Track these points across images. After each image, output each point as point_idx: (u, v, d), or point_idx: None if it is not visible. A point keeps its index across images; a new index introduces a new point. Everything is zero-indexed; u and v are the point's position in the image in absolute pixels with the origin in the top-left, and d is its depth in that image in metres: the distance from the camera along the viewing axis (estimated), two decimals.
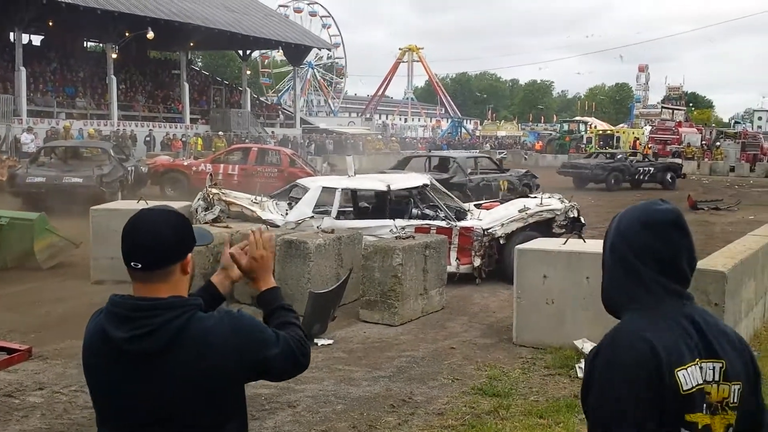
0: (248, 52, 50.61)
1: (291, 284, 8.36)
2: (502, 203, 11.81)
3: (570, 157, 39.46)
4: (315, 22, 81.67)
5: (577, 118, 72.24)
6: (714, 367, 1.73)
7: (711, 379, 1.72)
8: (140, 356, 1.83)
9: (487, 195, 17.07)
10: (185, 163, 21.87)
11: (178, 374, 1.83)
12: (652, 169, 28.75)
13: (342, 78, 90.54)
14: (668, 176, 28.75)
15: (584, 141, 54.99)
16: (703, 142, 44.73)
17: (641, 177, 28.25)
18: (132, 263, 1.88)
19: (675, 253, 1.80)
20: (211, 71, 63.06)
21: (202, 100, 46.18)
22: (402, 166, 21.39)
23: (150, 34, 36.38)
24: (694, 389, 1.70)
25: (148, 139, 36.14)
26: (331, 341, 7.33)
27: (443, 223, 10.24)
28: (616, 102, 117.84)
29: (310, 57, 74.03)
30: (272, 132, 44.68)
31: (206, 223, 9.64)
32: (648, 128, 54.47)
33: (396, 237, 8.67)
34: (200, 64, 75.32)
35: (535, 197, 11.87)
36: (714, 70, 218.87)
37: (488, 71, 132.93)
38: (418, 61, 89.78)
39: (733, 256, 6.74)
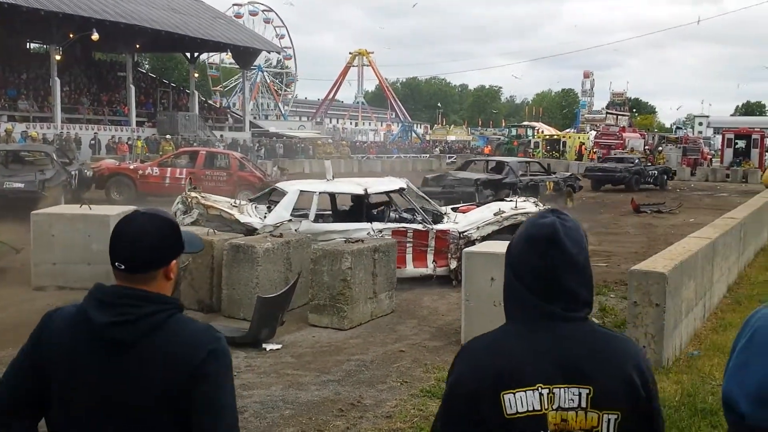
0: (196, 54, 50.01)
1: (239, 289, 8.28)
2: (478, 206, 12.04)
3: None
4: (261, 24, 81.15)
5: (525, 123, 73.43)
6: (578, 393, 1.59)
7: (567, 406, 1.58)
8: (116, 343, 1.82)
9: (534, 194, 18.39)
10: (131, 167, 21.45)
11: (148, 369, 1.82)
12: (656, 172, 32.61)
13: (292, 82, 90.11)
14: (665, 178, 32.75)
15: (532, 145, 55.89)
16: (646, 147, 45.84)
17: (648, 179, 31.66)
18: (116, 263, 1.90)
19: (553, 270, 1.65)
20: (158, 73, 62.18)
21: (149, 102, 45.42)
22: (464, 167, 23.72)
23: (95, 36, 35.68)
24: (521, 414, 1.58)
25: (93, 142, 35.42)
26: (279, 346, 7.27)
27: (420, 226, 10.43)
28: (562, 107, 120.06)
29: (260, 60, 73.56)
30: (221, 135, 44.25)
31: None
32: (593, 133, 55.57)
33: (345, 241, 8.65)
34: (147, 66, 74.18)
35: (511, 201, 12.26)
36: (657, 76, 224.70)
37: (438, 76, 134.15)
38: (368, 66, 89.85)
39: (674, 257, 6.91)
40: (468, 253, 7.63)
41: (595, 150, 46.35)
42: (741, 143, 43.54)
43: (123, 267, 1.89)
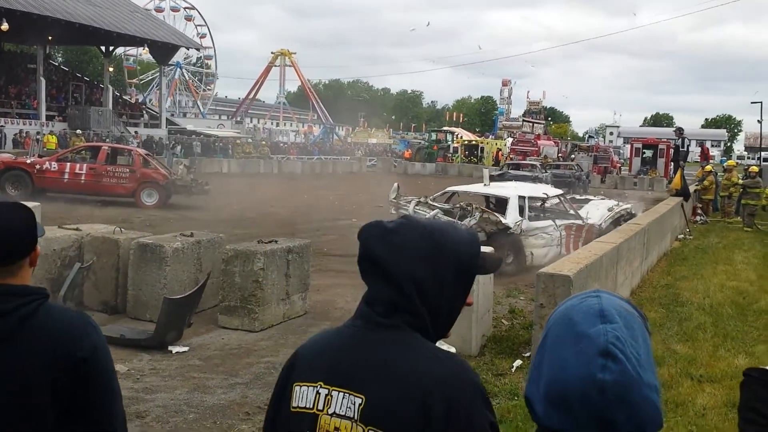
0: (111, 48, 48.48)
1: (146, 290, 8.03)
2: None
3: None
4: (182, 20, 79.44)
5: (445, 128, 74.37)
6: (351, 400, 1.47)
7: (343, 414, 1.47)
8: None
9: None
10: (28, 161, 20.46)
11: (23, 361, 1.76)
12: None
13: (212, 79, 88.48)
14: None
15: (451, 150, 56.69)
16: (560, 155, 47.19)
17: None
18: None
19: (374, 268, 1.55)
20: (71, 67, 59.96)
21: (60, 96, 43.78)
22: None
23: (4, 26, 34.11)
24: (298, 410, 1.53)
25: None
26: (186, 348, 7.07)
27: (580, 222, 13.38)
28: (482, 114, 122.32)
29: (179, 57, 71.93)
30: (135, 132, 43.02)
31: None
32: (510, 140, 56.82)
33: (258, 241, 8.50)
34: (60, 59, 71.46)
35: (603, 199, 16.33)
36: (572, 86, 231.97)
37: (361, 79, 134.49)
38: (290, 66, 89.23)
39: (580, 261, 7.10)
40: None
41: (511, 156, 47.39)
42: (648, 153, 45.36)
43: None
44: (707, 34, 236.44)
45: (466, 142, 59.03)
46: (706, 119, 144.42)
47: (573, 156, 47.78)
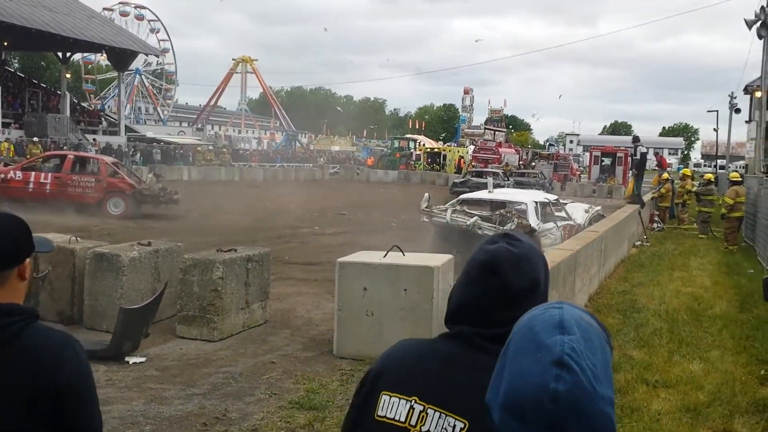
0: (69, 54, 47.70)
1: (102, 300, 7.91)
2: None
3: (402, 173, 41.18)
4: (143, 27, 78.53)
5: (408, 135, 74.63)
6: (449, 422, 1.48)
7: (434, 429, 1.48)
8: None
9: None
10: None
11: (7, 382, 1.74)
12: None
13: (172, 86, 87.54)
14: None
15: (414, 158, 56.89)
16: (521, 162, 47.71)
17: None
18: None
19: (488, 299, 1.57)
20: (27, 73, 58.80)
21: (16, 103, 42.90)
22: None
23: None
24: (385, 420, 1.52)
25: None
26: (143, 359, 6.97)
27: (572, 222, 14.68)
28: (444, 121, 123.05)
29: (138, 63, 71.07)
30: (94, 139, 42.35)
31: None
32: (472, 148, 57.24)
33: (217, 250, 8.43)
34: (16, 65, 70.08)
35: (575, 203, 18.07)
36: (533, 95, 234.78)
37: (323, 86, 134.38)
38: (252, 73, 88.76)
39: None
40: (342, 263, 7.61)
41: (473, 164, 47.76)
42: (607, 160, 46.10)
43: None
44: (665, 43, 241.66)
45: (429, 150, 59.29)
46: (664, 127, 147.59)
47: (534, 164, 48.36)
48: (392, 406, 1.52)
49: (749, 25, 25.25)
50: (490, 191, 16.08)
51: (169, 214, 20.33)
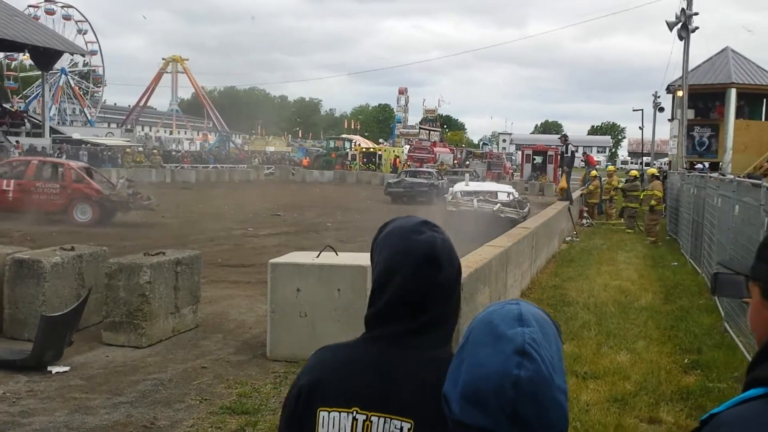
0: None
1: (23, 308, 7.61)
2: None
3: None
4: (70, 27, 76.23)
5: (344, 135, 74.52)
6: (395, 425, 1.46)
7: None
8: None
9: None
10: None
11: None
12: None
13: (99, 86, 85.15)
14: None
15: (349, 158, 56.84)
16: (455, 161, 48.20)
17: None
18: None
19: (422, 290, 1.54)
20: None
21: None
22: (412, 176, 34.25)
23: None
24: None
25: None
26: (67, 368, 6.72)
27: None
28: (379, 122, 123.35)
29: (64, 63, 68.89)
30: (17, 141, 40.85)
31: None
32: (407, 147, 57.54)
33: (144, 254, 8.20)
34: None
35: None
36: (467, 94, 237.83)
37: (257, 86, 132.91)
38: (183, 73, 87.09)
39: (469, 265, 7.22)
40: (274, 264, 7.51)
41: (409, 163, 48.02)
42: (538, 159, 46.99)
43: None
44: (592, 44, 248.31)
45: (365, 150, 59.33)
46: (592, 126, 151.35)
47: (468, 162, 48.93)
48: (333, 422, 1.49)
49: (671, 26, 26.08)
50: (466, 184, 21.94)
51: (133, 220, 19.74)
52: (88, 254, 8.27)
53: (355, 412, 1.49)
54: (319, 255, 7.70)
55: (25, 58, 63.23)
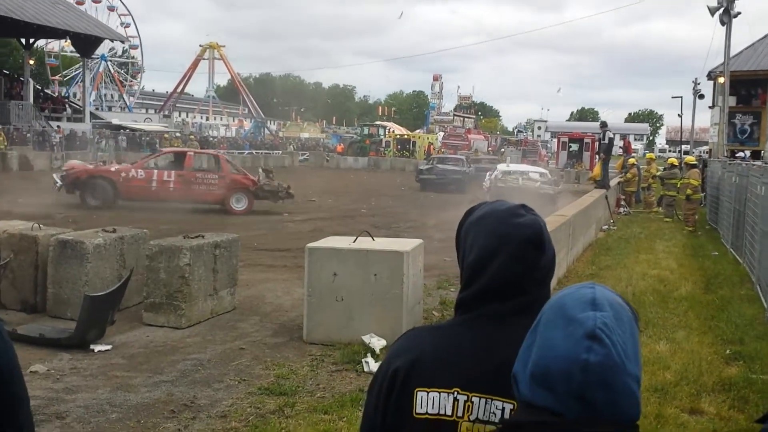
0: (32, 40, 46.68)
1: (66, 288, 7.76)
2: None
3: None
4: (113, 18, 77.14)
5: (378, 122, 74.51)
6: (497, 405, 1.46)
7: (487, 419, 1.45)
8: None
9: None
10: (112, 169, 19.25)
11: None
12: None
13: (138, 72, 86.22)
14: None
15: (383, 144, 56.83)
16: (489, 149, 47.92)
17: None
18: None
19: (523, 272, 1.55)
20: None
21: None
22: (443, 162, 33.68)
23: None
24: (428, 416, 1.49)
25: None
26: (109, 347, 6.86)
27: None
28: (413, 108, 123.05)
29: (104, 49, 69.82)
30: (58, 126, 41.62)
31: None
32: (441, 134, 57.32)
33: (184, 236, 8.30)
34: None
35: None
36: (501, 81, 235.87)
37: (292, 73, 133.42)
38: (219, 59, 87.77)
39: None
40: (311, 249, 7.55)
41: (443, 150, 47.85)
42: (574, 146, 46.40)
43: None
44: (631, 30, 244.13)
45: (399, 137, 59.24)
46: (630, 113, 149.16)
47: (503, 150, 48.59)
48: (433, 402, 1.48)
49: (712, 12, 25.54)
50: (507, 165, 26.45)
51: (131, 203, 20.05)
52: (129, 236, 8.40)
53: (455, 393, 1.48)
54: (355, 240, 7.73)
55: (66, 45, 64.24)
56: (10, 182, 26.00)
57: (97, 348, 6.77)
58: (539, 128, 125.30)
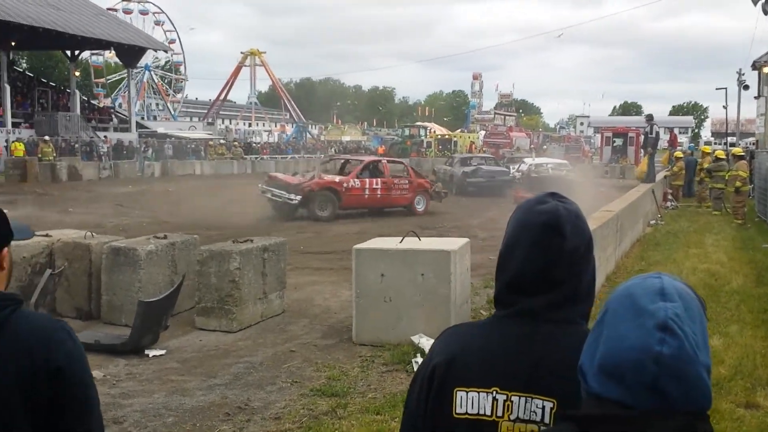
0: (77, 52, 47.86)
1: (120, 294, 7.94)
2: None
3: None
4: (148, 21, 78.64)
5: (418, 123, 74.48)
6: (542, 406, 1.45)
7: (528, 418, 1.45)
8: None
9: None
10: (337, 180, 19.91)
11: None
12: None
13: (181, 81, 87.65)
14: None
15: (425, 145, 56.78)
16: (532, 146, 47.48)
17: None
18: None
19: (546, 261, 1.51)
20: (36, 72, 59.06)
21: (26, 102, 43.14)
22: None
23: None
24: (468, 417, 1.49)
25: None
26: (163, 352, 7.01)
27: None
28: (454, 108, 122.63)
29: (148, 59, 71.17)
30: (105, 137, 42.53)
31: None
32: (483, 133, 57.02)
33: (233, 241, 8.44)
34: (24, 65, 70.38)
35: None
36: (542, 78, 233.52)
37: (332, 77, 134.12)
38: (260, 66, 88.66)
39: None
40: (358, 250, 7.60)
41: (485, 149, 47.60)
42: (618, 141, 45.71)
43: None
44: (670, 22, 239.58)
45: (440, 137, 59.15)
46: (673, 106, 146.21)
47: (545, 147, 48.11)
48: (472, 402, 1.48)
49: (754, 1, 24.97)
50: (533, 159, 30.48)
51: (176, 209, 20.37)
52: (180, 242, 8.57)
53: (495, 392, 1.48)
54: (402, 240, 7.75)
55: (110, 57, 65.65)
56: (60, 192, 26.69)
57: (151, 353, 6.92)
58: (581, 124, 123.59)
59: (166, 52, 62.55)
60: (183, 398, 5.82)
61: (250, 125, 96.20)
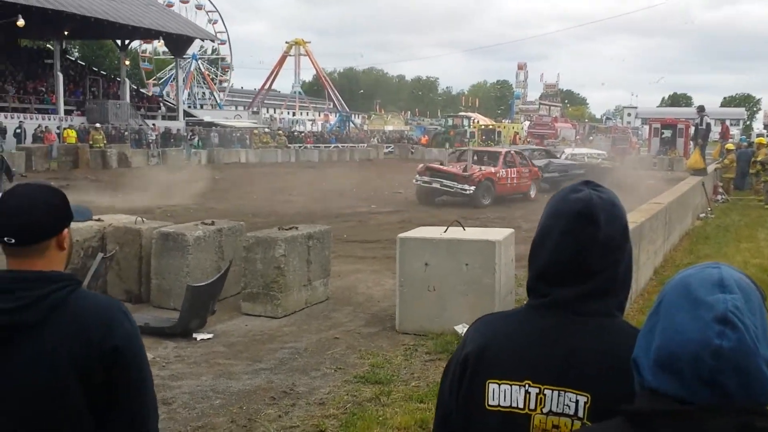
0: (127, 41, 48.71)
1: (169, 278, 8.09)
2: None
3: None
4: (201, 16, 79.58)
5: (462, 113, 74.03)
6: (575, 399, 1.42)
7: (561, 412, 1.43)
8: (17, 329, 1.72)
9: None
10: (492, 170, 21.36)
11: (53, 350, 1.73)
12: None
13: (227, 71, 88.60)
14: None
15: (468, 135, 56.45)
16: (577, 137, 46.86)
17: None
18: (5, 238, 1.80)
19: (578, 250, 1.48)
20: (87, 61, 60.30)
21: (78, 90, 44.07)
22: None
23: (20, 22, 34.29)
24: (500, 409, 1.47)
25: (18, 131, 34.13)
26: (210, 335, 7.13)
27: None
28: (497, 98, 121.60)
29: (195, 49, 72.07)
30: (153, 125, 43.24)
31: None
32: (527, 123, 56.46)
33: (279, 228, 8.52)
34: (76, 53, 71.91)
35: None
36: (588, 68, 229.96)
37: (375, 67, 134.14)
38: (305, 55, 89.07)
39: None
40: (402, 239, 7.61)
41: (529, 139, 47.15)
42: (667, 133, 44.78)
43: (13, 241, 1.79)
44: (721, 12, 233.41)
45: (483, 127, 58.75)
46: (724, 98, 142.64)
47: (591, 138, 47.43)
48: (505, 395, 1.46)
49: None
50: (572, 149, 31.63)
51: (227, 196, 20.63)
52: (227, 228, 8.69)
53: (527, 385, 1.45)
54: (446, 230, 7.73)
55: (159, 46, 66.66)
56: (110, 178, 27.26)
57: (199, 336, 7.05)
58: (629, 115, 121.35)
59: (212, 41, 63.23)
60: (229, 381, 5.91)
61: (294, 114, 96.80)
